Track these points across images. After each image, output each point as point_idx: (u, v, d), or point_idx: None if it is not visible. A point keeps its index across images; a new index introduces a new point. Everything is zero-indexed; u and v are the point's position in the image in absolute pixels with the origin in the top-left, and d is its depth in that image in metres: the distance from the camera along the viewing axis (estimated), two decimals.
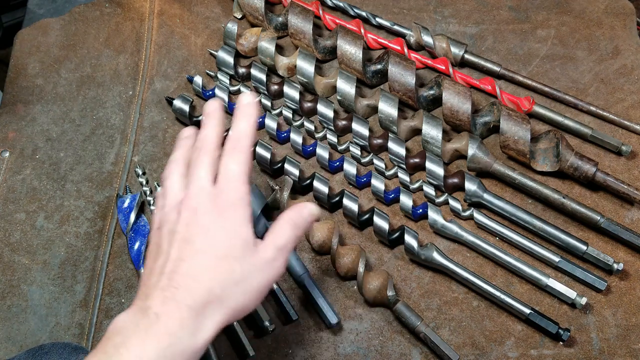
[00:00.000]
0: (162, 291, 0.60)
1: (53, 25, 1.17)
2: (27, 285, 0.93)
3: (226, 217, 0.64)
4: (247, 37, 1.11)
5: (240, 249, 0.63)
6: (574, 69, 1.09)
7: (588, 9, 1.16)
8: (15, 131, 1.06)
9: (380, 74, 1.06)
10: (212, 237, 0.63)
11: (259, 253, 0.64)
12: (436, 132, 0.96)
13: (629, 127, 1.02)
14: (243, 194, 0.65)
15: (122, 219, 0.96)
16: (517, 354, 0.86)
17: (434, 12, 1.17)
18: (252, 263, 0.63)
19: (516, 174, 0.95)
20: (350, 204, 0.93)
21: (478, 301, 0.90)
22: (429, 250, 0.90)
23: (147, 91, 1.10)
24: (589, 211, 0.92)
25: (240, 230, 0.64)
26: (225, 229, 0.64)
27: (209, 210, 0.65)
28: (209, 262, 0.62)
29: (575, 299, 0.87)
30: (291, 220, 0.67)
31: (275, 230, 0.67)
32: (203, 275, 0.61)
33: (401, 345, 0.87)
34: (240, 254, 0.63)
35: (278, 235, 0.66)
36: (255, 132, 0.71)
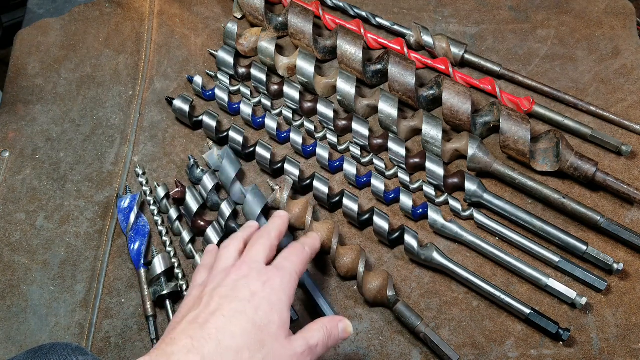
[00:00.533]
0: (191, 339, 0.59)
1: (53, 25, 1.17)
2: (27, 285, 0.93)
3: (272, 291, 0.65)
4: (247, 37, 1.11)
5: (277, 328, 0.64)
6: (574, 69, 1.09)
7: (588, 9, 1.16)
8: (15, 131, 1.06)
9: (380, 74, 1.06)
10: (255, 304, 0.64)
11: (292, 342, 0.65)
12: (436, 132, 0.96)
13: (629, 127, 1.02)
14: (291, 283, 0.68)
15: (122, 219, 0.96)
16: (517, 354, 0.86)
17: (434, 12, 1.17)
18: (283, 347, 0.64)
19: (516, 174, 0.95)
20: (350, 204, 0.93)
21: (478, 301, 0.90)
22: (429, 250, 0.90)
23: (147, 91, 1.10)
24: (589, 211, 0.92)
25: (282, 310, 0.65)
26: (270, 302, 0.65)
27: (257, 279, 0.66)
28: (245, 326, 0.62)
29: (575, 299, 0.87)
30: (326, 328, 0.69)
31: (311, 329, 0.68)
32: (236, 336, 0.61)
33: (401, 345, 0.87)
34: (275, 333, 0.63)
35: (312, 335, 0.68)
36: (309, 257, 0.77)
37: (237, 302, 0.64)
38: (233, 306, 0.63)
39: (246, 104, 1.04)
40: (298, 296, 0.91)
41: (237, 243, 0.75)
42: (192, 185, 0.99)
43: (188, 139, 1.05)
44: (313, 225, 0.92)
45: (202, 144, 1.04)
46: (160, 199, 0.97)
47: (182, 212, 0.96)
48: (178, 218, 0.96)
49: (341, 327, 0.72)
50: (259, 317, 0.63)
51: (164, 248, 0.95)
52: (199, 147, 1.04)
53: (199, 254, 0.93)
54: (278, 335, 0.64)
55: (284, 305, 0.67)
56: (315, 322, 0.70)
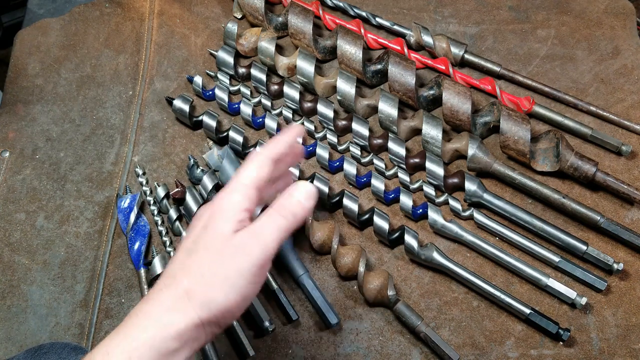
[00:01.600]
0: (154, 288, 0.61)
1: (53, 25, 1.17)
2: (27, 285, 0.93)
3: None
4: (247, 37, 1.11)
5: (213, 240, 0.60)
6: (574, 69, 1.09)
7: (588, 9, 1.16)
8: (15, 131, 1.06)
9: (380, 74, 1.06)
10: (193, 235, 0.62)
11: (230, 240, 0.60)
12: (436, 132, 0.96)
13: (629, 127, 1.02)
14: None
15: (122, 219, 0.96)
16: (517, 354, 0.86)
17: (434, 12, 1.17)
18: (220, 251, 0.59)
19: (516, 174, 0.95)
20: (350, 204, 0.93)
21: (478, 301, 0.90)
22: (429, 250, 0.90)
23: (147, 91, 1.10)
24: (589, 211, 0.92)
25: (218, 225, 0.61)
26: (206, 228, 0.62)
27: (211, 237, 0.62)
28: (182, 257, 0.61)
29: (575, 299, 0.87)
30: (280, 206, 0.62)
31: (260, 216, 0.62)
32: (179, 271, 0.60)
33: (401, 345, 0.87)
34: (211, 245, 0.60)
35: (257, 222, 0.61)
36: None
37: (186, 248, 0.62)
38: (181, 249, 0.63)
39: (246, 104, 1.04)
40: (298, 296, 0.91)
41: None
42: (192, 185, 0.99)
43: (188, 139, 1.05)
44: (313, 224, 0.92)
45: (202, 144, 1.04)
46: (160, 199, 0.97)
47: (182, 212, 0.96)
48: (178, 218, 0.96)
49: (298, 196, 0.62)
50: (189, 242, 0.62)
51: (164, 248, 0.95)
52: (199, 147, 1.04)
53: None
54: (213, 245, 0.60)
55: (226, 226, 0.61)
56: (270, 206, 0.62)
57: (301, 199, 0.63)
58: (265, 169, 0.64)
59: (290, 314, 0.87)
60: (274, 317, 0.89)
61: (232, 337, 0.87)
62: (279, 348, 0.88)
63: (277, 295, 0.89)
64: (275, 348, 0.88)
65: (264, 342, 0.88)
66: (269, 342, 0.88)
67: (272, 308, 0.90)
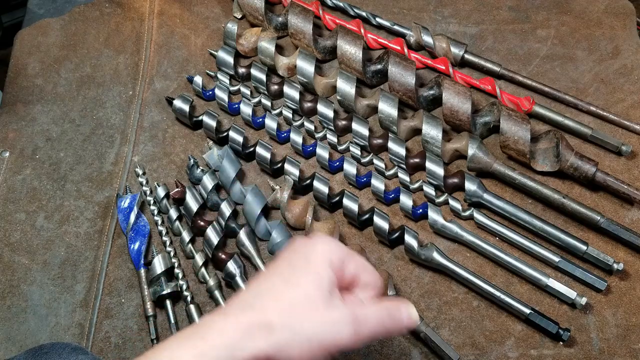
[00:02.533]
0: (232, 303, 0.59)
1: (53, 25, 1.17)
2: (27, 285, 0.93)
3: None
4: (247, 37, 1.11)
5: (313, 286, 0.58)
6: (574, 69, 1.09)
7: (588, 9, 1.16)
8: (15, 131, 1.06)
9: (380, 74, 1.06)
10: (291, 266, 0.60)
11: (331, 305, 0.58)
12: (436, 132, 0.96)
13: (629, 127, 1.02)
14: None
15: (122, 219, 0.96)
16: (517, 354, 0.86)
17: (434, 12, 1.17)
18: (317, 308, 0.58)
19: (516, 174, 0.95)
20: (350, 204, 0.93)
21: (478, 301, 0.90)
22: (429, 250, 0.90)
23: (147, 91, 1.10)
24: (589, 211, 0.92)
25: (321, 270, 0.59)
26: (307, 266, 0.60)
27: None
28: (277, 286, 0.59)
29: (575, 299, 0.87)
30: (387, 307, 0.61)
31: (365, 302, 0.62)
32: (267, 297, 0.58)
33: (401, 345, 0.87)
34: (310, 291, 0.58)
35: (363, 307, 0.60)
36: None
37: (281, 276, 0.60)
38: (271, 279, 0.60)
39: (246, 104, 1.04)
40: None
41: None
42: (192, 185, 0.99)
43: (188, 139, 1.05)
44: (313, 224, 0.92)
45: (202, 144, 1.04)
46: (160, 199, 0.97)
47: (182, 212, 0.96)
48: (178, 218, 0.96)
49: (404, 313, 0.62)
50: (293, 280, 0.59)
51: (164, 248, 0.95)
52: (199, 147, 1.04)
53: (199, 254, 0.93)
54: (315, 303, 0.57)
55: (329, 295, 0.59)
56: (379, 302, 0.61)
57: (405, 320, 0.62)
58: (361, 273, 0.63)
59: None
60: None
61: None
62: None
63: None
64: None
65: None
66: None
67: None
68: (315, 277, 0.58)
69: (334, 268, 0.60)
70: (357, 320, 0.59)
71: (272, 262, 0.63)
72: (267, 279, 0.60)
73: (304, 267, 0.59)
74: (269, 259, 0.93)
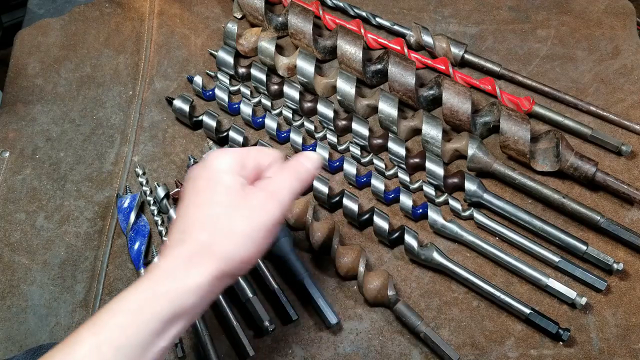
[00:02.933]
0: (166, 248, 0.62)
1: (53, 25, 1.17)
2: (27, 285, 0.93)
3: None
4: (247, 37, 1.11)
5: (224, 194, 0.62)
6: (574, 69, 1.09)
7: (588, 9, 1.16)
8: (15, 131, 1.06)
9: (380, 74, 1.06)
10: (197, 191, 0.64)
11: (247, 197, 0.62)
12: (436, 132, 0.96)
13: (629, 127, 1.02)
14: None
15: (122, 219, 0.96)
16: (517, 354, 0.86)
17: (434, 12, 1.17)
18: (236, 207, 0.61)
19: (516, 174, 0.95)
20: (350, 204, 0.93)
21: (478, 301, 0.90)
22: (429, 250, 0.90)
23: (147, 91, 1.10)
24: (589, 211, 0.92)
25: (223, 179, 0.63)
26: (210, 183, 0.63)
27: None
28: (193, 212, 0.62)
29: (575, 299, 0.87)
30: (290, 167, 0.66)
31: (272, 176, 0.66)
32: (191, 226, 0.61)
33: (401, 345, 0.87)
34: (223, 200, 0.62)
35: (271, 181, 0.65)
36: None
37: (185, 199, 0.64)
38: (183, 204, 0.64)
39: (246, 104, 1.05)
40: (298, 296, 0.91)
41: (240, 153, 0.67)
42: None
43: (188, 139, 1.05)
44: (313, 224, 0.92)
45: (202, 144, 1.04)
46: (160, 199, 0.97)
47: None
48: None
49: (308, 163, 0.67)
50: (201, 197, 0.63)
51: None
52: (199, 147, 1.04)
53: None
54: (228, 200, 0.62)
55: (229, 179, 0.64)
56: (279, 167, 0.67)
57: (309, 166, 0.68)
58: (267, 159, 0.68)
59: (290, 314, 0.87)
60: (274, 317, 0.89)
61: (232, 337, 0.87)
62: (279, 348, 0.88)
63: (277, 295, 0.89)
64: (275, 348, 0.88)
65: (264, 342, 0.88)
66: (269, 342, 0.88)
67: (272, 308, 0.90)
68: (223, 187, 0.62)
69: (235, 171, 0.64)
70: (273, 192, 0.63)
71: (181, 196, 0.67)
72: (186, 212, 0.63)
73: (210, 186, 0.63)
74: (269, 259, 0.93)
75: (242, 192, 0.63)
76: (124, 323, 0.55)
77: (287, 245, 0.91)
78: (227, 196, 0.62)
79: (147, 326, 0.56)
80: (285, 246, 0.91)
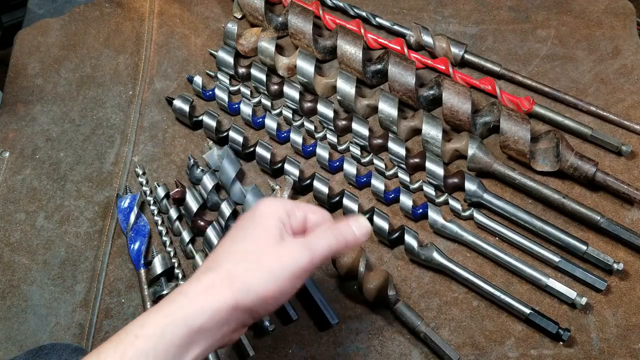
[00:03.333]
0: (197, 270, 0.63)
1: (53, 25, 1.17)
2: (27, 285, 0.93)
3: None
4: (247, 37, 1.11)
5: (260, 234, 0.63)
6: (574, 69, 1.09)
7: (588, 9, 1.16)
8: (15, 131, 1.06)
9: (380, 74, 1.06)
10: (238, 228, 0.65)
11: (282, 241, 0.63)
12: (436, 132, 0.96)
13: (629, 127, 1.02)
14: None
15: (122, 219, 0.96)
16: (517, 354, 0.86)
17: (434, 12, 1.17)
18: (268, 246, 0.62)
19: (516, 174, 0.95)
20: (350, 204, 0.93)
21: (478, 301, 0.90)
22: (429, 250, 0.90)
23: (147, 91, 1.10)
24: (589, 211, 0.92)
25: (265, 221, 0.64)
26: (252, 223, 0.65)
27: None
28: (228, 245, 0.64)
29: (575, 299, 0.87)
30: (336, 227, 0.66)
31: (314, 230, 0.66)
32: (221, 256, 0.63)
33: (401, 345, 0.87)
34: (258, 238, 0.63)
35: (313, 233, 0.65)
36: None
37: (231, 236, 0.65)
38: (227, 239, 0.65)
39: (246, 104, 1.05)
40: (298, 296, 0.91)
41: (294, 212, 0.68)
42: (192, 185, 0.99)
43: (188, 139, 1.05)
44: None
45: (202, 144, 1.04)
46: (160, 199, 0.97)
47: (182, 212, 0.96)
48: (178, 218, 0.96)
49: (354, 228, 0.66)
50: (241, 236, 0.64)
51: (164, 248, 0.95)
52: (199, 147, 1.04)
53: (199, 254, 0.93)
54: (265, 243, 0.63)
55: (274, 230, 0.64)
56: (325, 225, 0.66)
57: (356, 231, 0.67)
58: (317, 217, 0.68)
59: (290, 314, 0.87)
60: (274, 317, 0.89)
61: None
62: (279, 348, 0.88)
63: None
64: (275, 348, 0.88)
65: (264, 342, 0.88)
66: (269, 342, 0.88)
67: None
68: (263, 228, 0.63)
69: (279, 218, 0.64)
70: (309, 242, 0.63)
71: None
72: (222, 245, 0.65)
73: (251, 225, 0.64)
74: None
75: (279, 237, 0.63)
76: (146, 348, 0.57)
77: None
78: (263, 236, 0.63)
79: (166, 352, 0.57)
80: None
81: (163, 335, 0.57)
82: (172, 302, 0.59)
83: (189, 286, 0.61)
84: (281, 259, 0.62)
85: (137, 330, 0.58)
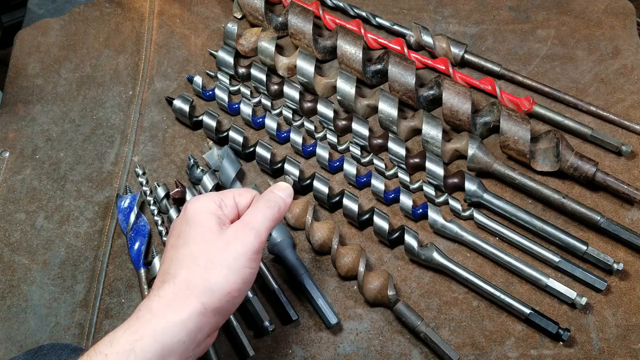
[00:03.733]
0: (152, 287, 0.65)
1: (53, 25, 1.17)
2: (27, 285, 0.93)
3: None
4: (247, 37, 1.11)
5: (200, 233, 0.64)
6: (574, 69, 1.09)
7: (588, 9, 1.16)
8: (15, 131, 1.06)
9: (380, 74, 1.06)
10: (177, 234, 0.66)
11: (223, 232, 0.65)
12: (436, 132, 0.96)
13: (629, 127, 1.02)
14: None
15: (122, 219, 0.96)
16: (517, 354, 0.86)
17: (434, 12, 1.17)
18: (213, 242, 0.63)
19: (516, 174, 0.95)
20: (350, 204, 0.93)
21: (478, 301, 0.90)
22: (429, 250, 0.90)
23: (147, 91, 1.10)
24: (589, 211, 0.92)
25: (199, 219, 0.65)
26: (187, 225, 0.66)
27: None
28: (172, 254, 0.64)
29: (575, 299, 0.87)
30: (262, 198, 0.69)
31: (247, 210, 0.68)
32: (171, 267, 0.63)
33: (401, 345, 0.87)
34: (199, 238, 0.64)
35: (246, 213, 0.67)
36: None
37: (171, 244, 0.67)
38: (167, 248, 0.68)
39: (246, 104, 1.05)
40: (298, 296, 0.91)
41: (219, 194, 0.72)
42: (192, 185, 0.99)
43: (188, 139, 1.05)
44: (313, 225, 0.92)
45: (202, 144, 1.04)
46: (160, 199, 0.97)
47: None
48: None
49: (277, 189, 0.71)
50: (180, 237, 0.66)
51: (163, 248, 0.95)
52: (199, 147, 1.04)
53: None
54: (205, 239, 0.64)
55: (208, 223, 0.67)
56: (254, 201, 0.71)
57: (281, 193, 0.71)
58: (246, 199, 0.71)
59: (290, 314, 0.87)
60: (274, 317, 0.89)
61: (232, 337, 0.87)
62: (279, 348, 0.88)
63: (277, 295, 0.89)
64: (275, 348, 0.88)
65: (264, 342, 0.88)
66: (269, 342, 0.88)
67: (272, 308, 0.90)
68: (200, 227, 0.65)
69: (212, 212, 0.66)
70: (247, 222, 0.65)
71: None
72: (167, 255, 0.66)
73: (187, 228, 0.65)
74: (269, 259, 0.94)
75: (219, 229, 0.65)
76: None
77: (287, 246, 0.91)
78: (204, 234, 0.64)
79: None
80: (285, 246, 0.91)
81: (133, 351, 0.57)
82: (139, 319, 0.59)
83: (151, 302, 0.61)
84: (231, 250, 0.63)
85: (106, 349, 0.58)
